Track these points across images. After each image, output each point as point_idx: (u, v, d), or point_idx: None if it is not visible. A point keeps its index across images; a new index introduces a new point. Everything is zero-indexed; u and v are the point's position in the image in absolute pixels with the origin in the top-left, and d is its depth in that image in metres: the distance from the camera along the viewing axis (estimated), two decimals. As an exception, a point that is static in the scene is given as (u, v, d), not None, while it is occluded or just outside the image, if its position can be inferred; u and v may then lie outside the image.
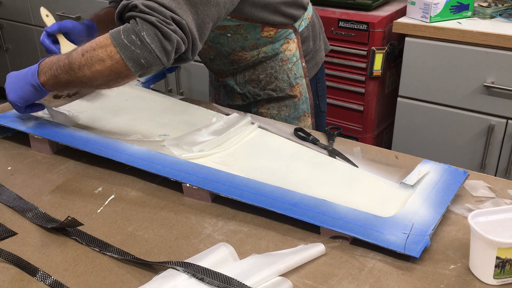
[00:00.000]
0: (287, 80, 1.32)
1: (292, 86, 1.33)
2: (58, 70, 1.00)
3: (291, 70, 1.31)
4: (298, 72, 1.32)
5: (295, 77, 1.32)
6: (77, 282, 0.77)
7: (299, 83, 1.33)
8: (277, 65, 1.29)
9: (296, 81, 1.32)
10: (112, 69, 0.96)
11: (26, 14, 3.10)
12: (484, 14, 1.89)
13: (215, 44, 1.26)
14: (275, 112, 1.35)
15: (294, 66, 1.31)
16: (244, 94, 1.36)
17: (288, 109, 1.34)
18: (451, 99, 1.88)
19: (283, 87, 1.32)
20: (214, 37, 1.24)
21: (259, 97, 1.35)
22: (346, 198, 0.92)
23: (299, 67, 1.32)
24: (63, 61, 1.00)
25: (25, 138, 1.15)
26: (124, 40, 0.94)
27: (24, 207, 0.94)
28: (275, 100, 1.34)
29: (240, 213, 0.92)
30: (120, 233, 0.88)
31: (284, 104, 1.34)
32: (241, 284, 0.72)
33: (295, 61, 1.30)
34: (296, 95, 1.33)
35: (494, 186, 0.97)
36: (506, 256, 0.72)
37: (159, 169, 0.99)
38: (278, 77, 1.31)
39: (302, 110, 1.35)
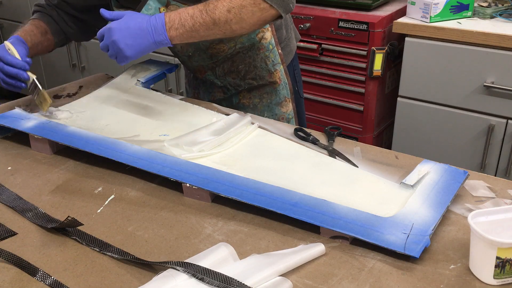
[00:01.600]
0: (265, 68, 1.34)
1: (271, 73, 1.35)
2: (196, 26, 1.07)
3: (268, 58, 1.33)
4: (276, 59, 1.34)
5: (273, 63, 1.34)
6: (77, 282, 0.77)
7: (277, 69, 1.35)
8: (254, 54, 1.31)
9: (274, 68, 1.34)
10: (262, 18, 1.09)
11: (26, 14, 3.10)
12: (484, 14, 1.89)
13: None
14: (257, 101, 1.37)
15: (271, 54, 1.33)
16: (225, 87, 1.38)
17: (269, 96, 1.37)
18: (451, 99, 1.88)
19: (262, 75, 1.34)
20: None
21: (240, 88, 1.37)
22: (346, 198, 0.92)
23: (276, 54, 1.34)
24: (201, 17, 1.07)
25: (25, 138, 1.15)
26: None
27: (24, 207, 0.94)
28: (256, 88, 1.36)
29: (240, 213, 0.92)
30: (120, 233, 0.88)
31: (265, 91, 1.37)
32: (241, 284, 0.72)
33: (271, 49, 1.32)
34: (276, 81, 1.36)
35: (494, 186, 0.97)
36: (506, 256, 0.72)
37: (159, 169, 0.99)
38: (257, 66, 1.33)
39: (283, 95, 1.38)
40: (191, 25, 1.07)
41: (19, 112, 1.20)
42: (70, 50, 2.95)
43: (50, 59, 3.12)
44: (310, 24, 2.09)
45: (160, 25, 1.08)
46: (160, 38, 1.08)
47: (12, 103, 1.33)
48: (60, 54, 3.03)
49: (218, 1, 1.07)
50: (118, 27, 1.08)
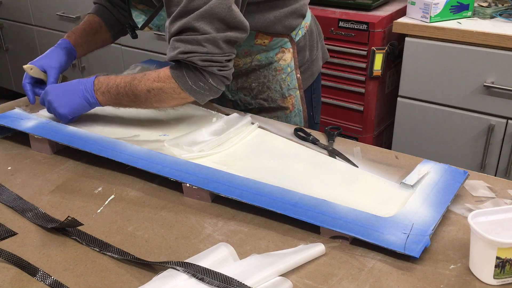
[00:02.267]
0: (279, 91, 1.29)
1: (284, 98, 1.29)
2: (119, 95, 1.11)
3: (284, 81, 1.28)
4: (292, 84, 1.29)
5: (288, 88, 1.29)
6: (77, 282, 0.77)
7: (292, 94, 1.29)
8: (270, 74, 1.27)
9: (289, 93, 1.29)
10: (180, 102, 1.12)
11: (26, 14, 3.10)
12: (484, 14, 1.89)
13: None
14: None
15: (288, 77, 1.28)
16: (235, 102, 1.34)
17: (279, 120, 1.31)
18: (451, 99, 1.88)
19: (275, 98, 1.29)
20: None
21: (250, 106, 1.32)
22: (346, 198, 0.92)
23: (293, 78, 1.28)
24: (124, 88, 1.10)
25: (25, 138, 1.15)
26: (192, 86, 1.07)
27: (24, 207, 0.94)
28: (266, 110, 1.31)
29: (240, 213, 0.92)
30: (120, 233, 0.88)
31: (275, 115, 1.31)
32: (241, 284, 0.72)
33: (289, 72, 1.27)
34: (288, 107, 1.30)
35: (494, 186, 0.97)
36: (506, 256, 0.72)
37: (159, 169, 0.99)
38: (270, 87, 1.28)
39: (294, 122, 1.32)
40: (115, 94, 1.12)
41: (19, 112, 1.20)
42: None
43: (50, 59, 3.12)
44: (310, 24, 2.09)
45: (89, 86, 1.13)
46: (89, 96, 1.13)
47: (12, 103, 1.33)
48: (60, 54, 3.02)
49: (143, 78, 1.10)
50: (52, 89, 1.15)
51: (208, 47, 1.03)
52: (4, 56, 3.38)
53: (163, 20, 1.14)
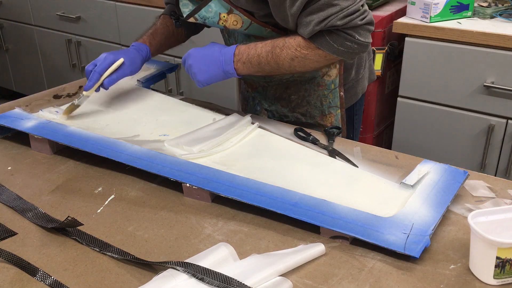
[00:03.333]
0: (319, 107, 1.24)
1: (324, 115, 1.24)
2: (261, 65, 1.10)
3: (326, 97, 1.23)
4: (334, 101, 1.23)
5: (329, 105, 1.23)
6: (77, 282, 0.77)
7: (332, 113, 1.24)
8: (312, 88, 1.22)
9: (329, 110, 1.24)
10: (327, 63, 1.10)
11: (26, 14, 3.10)
12: (484, 14, 1.89)
13: None
14: None
15: (331, 94, 1.22)
16: (271, 112, 1.30)
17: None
18: (451, 99, 1.88)
19: (313, 114, 1.25)
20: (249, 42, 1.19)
21: (286, 119, 1.28)
22: (346, 198, 0.92)
23: (336, 96, 1.23)
24: (266, 58, 1.09)
25: (25, 138, 1.15)
26: (340, 48, 1.04)
27: (24, 207, 0.94)
28: (302, 125, 1.25)
29: (240, 213, 0.92)
30: (120, 233, 0.88)
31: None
32: (241, 284, 0.72)
33: (332, 89, 1.22)
34: (326, 125, 1.25)
35: (494, 186, 0.97)
36: (506, 256, 0.72)
37: (159, 169, 0.99)
38: (310, 102, 1.24)
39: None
40: (256, 64, 1.10)
41: (19, 112, 1.20)
42: (70, 50, 2.95)
43: (50, 59, 3.12)
44: (310, 24, 2.09)
45: (229, 56, 1.11)
46: (228, 68, 1.12)
47: (12, 103, 1.33)
48: (60, 54, 3.03)
49: (284, 46, 1.07)
50: (194, 53, 1.14)
51: (340, 3, 1.00)
52: (4, 56, 3.38)
53: (211, 13, 1.12)
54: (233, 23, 1.13)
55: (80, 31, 2.86)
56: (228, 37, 1.29)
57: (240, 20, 1.12)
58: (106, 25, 2.72)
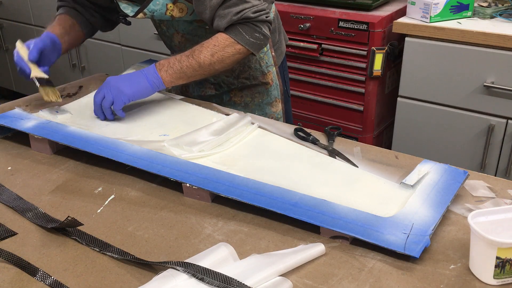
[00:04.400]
0: (259, 69, 1.40)
1: (264, 74, 1.41)
2: (183, 68, 1.20)
3: (262, 59, 1.39)
4: (269, 61, 1.41)
5: (267, 65, 1.40)
6: (77, 282, 0.77)
7: (270, 71, 1.41)
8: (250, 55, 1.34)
9: (267, 69, 1.41)
10: (240, 58, 1.24)
11: (26, 14, 3.10)
12: (484, 14, 1.89)
13: (193, 36, 1.35)
14: (248, 100, 1.43)
15: (265, 56, 1.39)
16: (218, 84, 1.43)
17: (261, 95, 1.43)
18: (451, 99, 1.88)
19: (256, 75, 1.40)
20: (192, 30, 1.34)
21: (232, 86, 1.42)
22: (346, 198, 0.92)
23: (270, 56, 1.40)
24: (187, 61, 1.20)
25: (25, 138, 1.15)
26: (250, 39, 1.21)
27: (24, 207, 0.94)
28: (248, 87, 1.42)
29: (240, 213, 0.92)
30: (120, 233, 0.88)
31: (257, 91, 1.42)
32: (241, 284, 0.72)
33: (265, 51, 1.39)
34: (268, 82, 1.42)
35: (494, 186, 0.97)
36: (506, 256, 0.72)
37: (159, 169, 0.99)
38: (251, 66, 1.39)
39: (273, 96, 1.43)
40: (178, 68, 1.20)
41: (19, 112, 1.20)
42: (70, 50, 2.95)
43: (50, 59, 3.12)
44: (310, 24, 2.09)
45: (151, 68, 1.20)
46: (152, 77, 1.20)
47: (12, 103, 1.33)
48: (60, 54, 3.02)
49: (202, 47, 1.20)
50: (113, 77, 1.20)
51: (252, 1, 1.19)
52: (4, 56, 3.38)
53: (159, 5, 1.23)
54: (179, 11, 1.25)
55: (80, 31, 2.85)
56: (167, 29, 1.38)
57: (185, 8, 1.25)
58: (106, 25, 2.72)
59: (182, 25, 1.34)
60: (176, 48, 1.43)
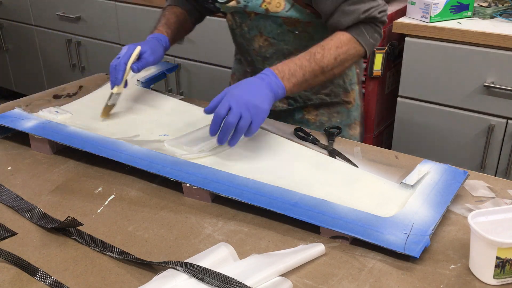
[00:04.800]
0: (342, 85, 1.29)
1: (347, 92, 1.30)
2: (306, 75, 1.08)
3: (346, 75, 1.29)
4: (353, 78, 1.31)
5: (350, 82, 1.30)
6: (77, 282, 0.77)
7: (353, 89, 1.31)
8: None
9: (351, 87, 1.31)
10: (355, 61, 1.15)
11: (26, 14, 3.10)
12: (484, 14, 1.89)
13: (278, 41, 1.23)
14: (324, 119, 1.31)
15: (350, 72, 1.29)
16: (293, 98, 1.31)
17: (340, 115, 1.31)
18: (451, 99, 1.88)
19: (338, 92, 1.29)
20: (280, 33, 1.21)
21: (310, 102, 1.31)
22: (346, 198, 0.92)
23: (354, 73, 1.30)
24: (309, 66, 1.08)
25: (25, 138, 1.15)
26: (370, 40, 1.13)
27: (24, 207, 0.94)
28: (326, 105, 1.30)
29: (240, 213, 0.92)
30: (120, 233, 0.88)
31: (336, 110, 1.31)
32: (241, 284, 0.72)
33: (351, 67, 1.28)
34: (350, 101, 1.31)
35: (494, 186, 0.97)
36: (506, 256, 0.72)
37: (159, 169, 0.99)
38: (333, 82, 1.28)
39: (353, 117, 1.32)
40: (301, 75, 1.07)
41: (19, 112, 1.20)
42: (70, 50, 2.95)
43: (50, 59, 3.12)
44: (310, 24, 2.09)
45: (273, 77, 1.04)
46: (277, 88, 1.04)
47: (12, 103, 1.33)
48: (60, 54, 3.03)
49: (324, 50, 1.09)
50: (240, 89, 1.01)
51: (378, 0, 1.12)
52: (4, 56, 3.38)
53: None
54: (276, 5, 1.14)
55: (80, 31, 2.86)
56: (249, 29, 1.23)
57: (283, 2, 1.14)
58: (106, 25, 2.72)
59: (270, 26, 1.20)
60: (253, 53, 1.28)
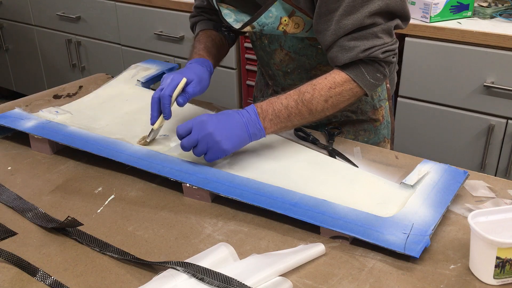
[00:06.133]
0: (370, 102, 1.22)
1: (376, 109, 1.23)
2: (291, 116, 1.01)
3: (376, 92, 1.21)
4: (383, 94, 1.23)
5: (379, 99, 1.22)
6: (77, 282, 0.77)
7: (382, 105, 1.23)
8: None
9: (379, 104, 1.23)
10: (352, 101, 1.05)
11: (26, 14, 3.10)
12: (484, 14, 1.89)
13: (299, 55, 1.17)
14: (350, 137, 1.23)
15: (379, 87, 1.21)
16: None
17: (367, 133, 1.24)
18: (451, 99, 1.88)
19: (365, 110, 1.22)
20: (301, 48, 1.15)
21: (334, 119, 1.23)
22: (346, 198, 0.92)
23: (384, 89, 1.22)
24: (296, 108, 1.01)
25: (25, 138, 1.15)
26: (371, 80, 1.03)
27: (24, 207, 0.94)
28: (352, 123, 1.23)
29: (240, 213, 0.92)
30: (120, 233, 0.88)
31: (362, 128, 1.24)
32: (241, 284, 0.72)
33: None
34: (378, 118, 1.24)
35: (494, 186, 0.97)
36: (506, 256, 0.72)
37: (159, 169, 0.99)
38: (361, 98, 1.19)
39: (382, 135, 1.25)
40: (286, 116, 1.01)
41: (19, 112, 1.20)
42: (70, 50, 2.95)
43: (50, 59, 3.12)
44: (310, 24, 2.09)
45: (253, 116, 1.00)
46: (254, 129, 0.99)
47: (12, 103, 1.33)
48: (60, 54, 3.03)
49: (314, 91, 1.01)
50: (211, 119, 0.98)
51: (384, 38, 1.01)
52: (4, 56, 3.38)
53: (271, 18, 1.04)
54: (294, 27, 1.07)
55: (80, 31, 2.86)
56: (270, 43, 1.18)
57: (302, 22, 1.06)
58: (106, 25, 2.72)
59: (290, 41, 1.14)
60: (274, 66, 1.22)
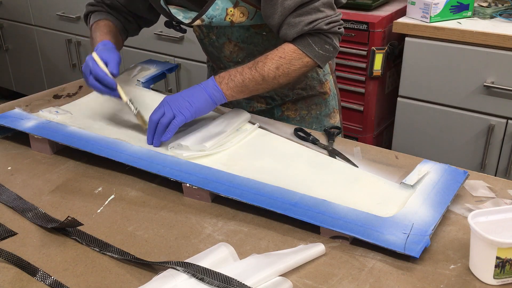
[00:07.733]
0: (316, 78, 1.32)
1: (322, 83, 1.33)
2: (245, 81, 1.10)
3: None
4: (326, 69, 1.33)
5: (324, 73, 1.32)
6: (77, 282, 0.77)
7: (327, 79, 1.33)
8: None
9: (325, 78, 1.33)
10: (306, 72, 1.15)
11: (26, 14, 3.10)
12: (484, 14, 1.89)
13: (248, 44, 1.25)
14: (304, 112, 1.34)
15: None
16: (270, 97, 1.34)
17: (318, 107, 1.34)
18: (451, 99, 1.88)
19: (313, 85, 1.32)
20: (248, 37, 1.23)
21: (287, 98, 1.33)
22: (346, 198, 0.92)
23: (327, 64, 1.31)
24: (249, 73, 1.10)
25: (25, 138, 1.15)
26: (319, 51, 1.12)
27: (24, 207, 0.94)
28: (302, 99, 1.33)
29: (240, 213, 0.92)
30: (120, 233, 0.88)
31: (313, 102, 1.33)
32: (241, 284, 0.72)
33: None
34: (326, 91, 1.34)
35: (494, 186, 0.97)
36: (506, 256, 0.72)
37: (159, 169, 0.99)
38: (307, 75, 1.30)
39: (332, 106, 1.35)
40: (240, 81, 1.10)
41: (19, 112, 1.20)
42: (70, 50, 2.95)
43: (50, 59, 3.12)
44: (310, 24, 2.09)
45: (210, 81, 1.10)
46: (213, 90, 1.09)
47: (12, 103, 1.33)
48: (60, 54, 3.03)
49: (266, 59, 1.11)
50: (171, 96, 1.10)
51: (326, 11, 1.10)
52: (4, 56, 3.38)
53: (218, 10, 1.14)
54: (240, 16, 1.15)
55: (80, 31, 2.86)
56: (217, 38, 1.26)
57: (246, 11, 1.15)
58: (106, 25, 2.72)
59: (237, 32, 1.23)
60: (225, 59, 1.31)
